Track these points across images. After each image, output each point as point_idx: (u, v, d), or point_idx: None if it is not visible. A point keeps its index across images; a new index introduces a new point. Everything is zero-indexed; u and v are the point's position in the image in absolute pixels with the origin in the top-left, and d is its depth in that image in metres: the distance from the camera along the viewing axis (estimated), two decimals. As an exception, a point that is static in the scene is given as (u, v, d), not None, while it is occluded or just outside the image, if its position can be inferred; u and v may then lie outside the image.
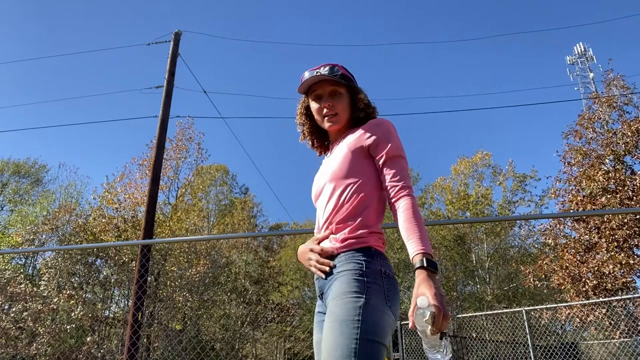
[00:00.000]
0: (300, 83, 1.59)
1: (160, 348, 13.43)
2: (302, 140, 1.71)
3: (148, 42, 10.25)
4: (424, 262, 1.21)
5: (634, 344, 8.15)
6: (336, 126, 1.55)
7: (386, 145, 1.45)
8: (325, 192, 1.49)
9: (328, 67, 1.57)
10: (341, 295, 1.25)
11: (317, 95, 1.57)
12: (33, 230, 15.27)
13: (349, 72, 1.62)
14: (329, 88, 1.55)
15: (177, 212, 16.67)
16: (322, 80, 1.54)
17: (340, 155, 1.49)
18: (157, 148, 8.44)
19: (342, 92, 1.55)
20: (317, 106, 1.57)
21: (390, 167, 1.43)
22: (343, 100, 1.55)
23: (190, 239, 3.82)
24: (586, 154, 12.17)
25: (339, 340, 1.17)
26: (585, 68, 24.78)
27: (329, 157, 1.59)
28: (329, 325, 1.22)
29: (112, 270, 14.04)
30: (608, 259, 10.30)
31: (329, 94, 1.55)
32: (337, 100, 1.54)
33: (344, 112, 1.55)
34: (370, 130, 1.49)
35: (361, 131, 1.51)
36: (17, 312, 11.51)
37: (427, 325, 1.06)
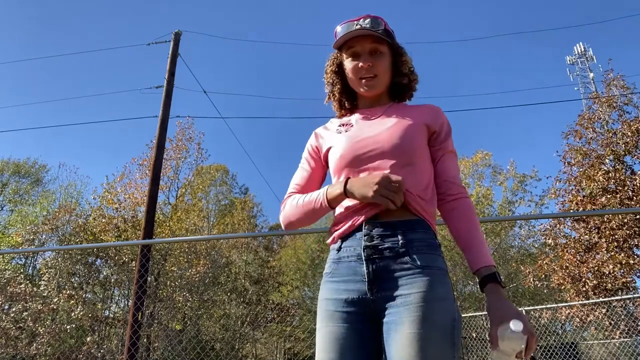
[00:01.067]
0: (334, 38, 1.36)
1: (160, 348, 13.43)
2: (328, 101, 1.48)
3: (148, 42, 10.26)
4: (498, 277, 1.10)
5: (634, 344, 8.15)
6: (375, 90, 1.34)
7: (449, 138, 1.32)
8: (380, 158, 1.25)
9: (369, 19, 1.33)
10: (437, 298, 1.08)
11: (355, 53, 1.33)
12: (33, 230, 15.27)
13: (391, 30, 1.38)
14: (369, 45, 1.32)
15: (177, 212, 16.67)
16: (363, 35, 1.31)
17: (402, 127, 1.28)
18: (157, 148, 8.44)
19: (384, 52, 1.33)
20: (353, 65, 1.33)
21: (451, 163, 1.29)
22: (385, 60, 1.33)
23: (190, 239, 3.83)
24: (586, 154, 12.17)
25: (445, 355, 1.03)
26: (585, 68, 24.80)
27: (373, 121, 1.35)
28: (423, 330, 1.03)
29: (112, 270, 14.04)
30: (608, 259, 10.30)
31: (369, 52, 1.32)
32: (378, 60, 1.32)
33: (385, 75, 1.34)
34: (438, 115, 1.33)
35: (427, 110, 1.34)
36: (17, 312, 11.51)
37: (516, 350, 0.98)
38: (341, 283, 1.19)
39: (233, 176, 26.91)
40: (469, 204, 1.24)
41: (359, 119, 1.38)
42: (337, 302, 1.18)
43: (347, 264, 1.20)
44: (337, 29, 1.36)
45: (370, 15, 1.35)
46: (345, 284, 1.18)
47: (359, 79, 1.33)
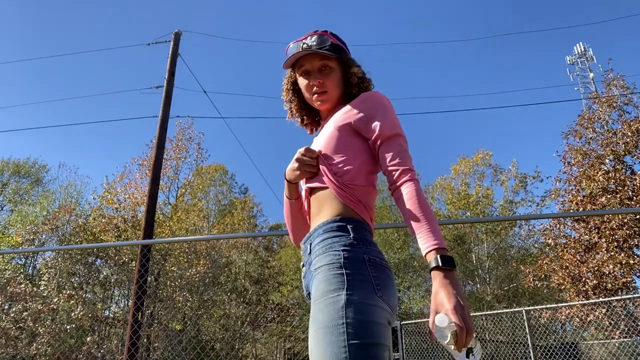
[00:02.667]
0: (285, 56, 1.41)
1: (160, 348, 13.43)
2: (289, 118, 1.53)
3: (148, 42, 10.26)
4: (439, 261, 1.03)
5: (634, 344, 8.14)
6: (327, 105, 1.39)
7: (379, 123, 1.26)
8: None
9: (316, 37, 1.37)
10: (320, 296, 1.06)
11: (305, 71, 1.39)
12: (33, 230, 15.27)
13: (341, 40, 1.43)
14: (318, 63, 1.36)
15: (177, 212, 16.68)
16: (310, 54, 1.35)
17: (326, 133, 1.33)
18: (157, 148, 8.44)
19: (333, 67, 1.37)
20: (305, 83, 1.39)
21: (388, 149, 1.24)
22: (334, 75, 1.38)
23: (190, 239, 3.83)
24: (586, 154, 12.17)
25: (327, 351, 0.98)
26: (585, 68, 24.78)
27: (317, 136, 1.44)
28: (312, 334, 1.04)
29: (112, 270, 14.04)
30: (608, 259, 10.30)
31: (318, 69, 1.37)
32: (327, 76, 1.36)
33: (335, 89, 1.38)
34: (360, 106, 1.31)
35: (349, 107, 1.33)
36: (17, 312, 11.51)
37: (450, 345, 0.95)
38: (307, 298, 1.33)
39: (232, 176, 26.92)
40: (409, 188, 1.16)
41: (321, 126, 1.48)
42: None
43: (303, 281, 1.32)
44: (288, 47, 1.42)
45: (318, 32, 1.40)
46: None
47: (311, 95, 1.39)
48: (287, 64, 1.41)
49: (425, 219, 1.10)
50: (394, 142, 1.25)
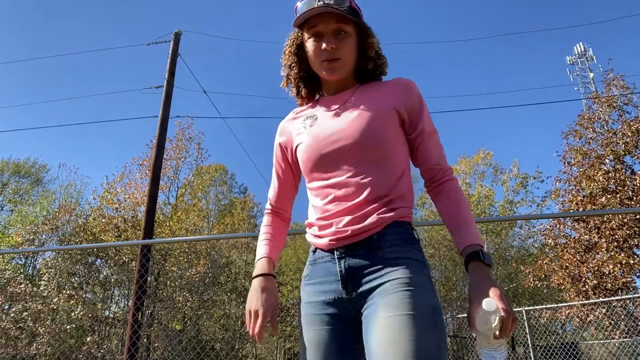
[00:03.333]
0: (295, 14, 1.25)
1: (160, 348, 13.43)
2: (284, 85, 1.35)
3: (148, 42, 10.27)
4: (481, 255, 1.04)
5: (634, 344, 8.14)
6: (338, 74, 1.22)
7: (425, 117, 1.22)
8: (347, 155, 1.17)
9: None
10: (417, 285, 1.02)
11: (317, 33, 1.21)
12: (33, 230, 15.27)
13: (358, 6, 1.26)
14: (333, 25, 1.19)
15: (177, 212, 16.68)
16: (326, 13, 1.18)
17: (375, 111, 1.18)
18: (157, 148, 8.45)
19: (350, 32, 1.21)
20: (315, 46, 1.21)
21: (431, 145, 1.21)
22: (350, 42, 1.21)
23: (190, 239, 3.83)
24: (586, 154, 12.17)
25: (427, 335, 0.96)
26: (585, 68, 24.78)
27: (338, 111, 1.24)
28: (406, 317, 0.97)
29: (112, 270, 14.05)
30: (608, 259, 10.30)
31: (333, 32, 1.19)
32: (342, 42, 1.20)
33: (349, 58, 1.22)
34: (408, 93, 1.22)
35: (396, 89, 1.23)
36: (17, 312, 11.51)
37: (493, 331, 0.92)
38: (317, 285, 1.16)
39: (232, 176, 26.92)
40: (453, 185, 1.19)
41: (323, 111, 1.27)
42: (316, 304, 1.15)
43: (322, 265, 1.17)
44: (298, 4, 1.23)
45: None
46: (321, 286, 1.16)
47: (321, 62, 1.21)
48: (297, 22, 1.23)
49: (468, 217, 1.14)
50: (436, 139, 1.24)
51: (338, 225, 1.14)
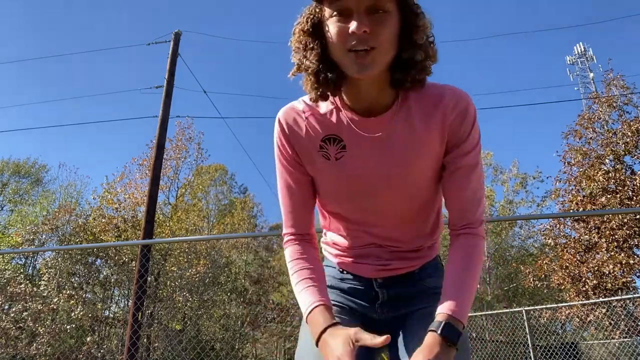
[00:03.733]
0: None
1: (160, 348, 13.43)
2: (293, 75, 0.97)
3: (148, 42, 10.27)
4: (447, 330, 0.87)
5: (634, 344, 8.14)
6: (369, 72, 0.87)
7: (472, 148, 0.98)
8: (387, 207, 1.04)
9: None
10: None
11: (343, 9, 0.86)
12: (33, 230, 15.28)
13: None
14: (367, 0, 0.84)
15: (177, 212, 16.69)
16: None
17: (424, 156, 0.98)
18: (157, 148, 8.45)
19: (390, 10, 0.86)
20: (340, 28, 0.86)
21: (470, 185, 0.99)
22: (390, 24, 0.86)
23: (190, 239, 3.83)
24: (586, 154, 12.17)
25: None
26: (585, 68, 24.76)
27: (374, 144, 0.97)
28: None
29: (112, 270, 14.05)
30: (608, 259, 10.30)
31: (367, 10, 0.85)
32: (380, 24, 0.85)
33: (389, 47, 0.88)
34: (463, 121, 0.96)
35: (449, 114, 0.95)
36: (17, 312, 11.51)
37: None
38: (343, 294, 1.15)
39: (232, 176, 26.93)
40: (471, 242, 1.00)
41: (353, 138, 0.98)
42: (339, 309, 1.12)
43: (351, 285, 1.14)
44: None
45: None
46: (346, 296, 1.14)
47: (347, 51, 0.86)
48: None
49: (470, 287, 0.96)
50: (478, 176, 1.01)
51: (379, 262, 1.11)
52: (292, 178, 1.06)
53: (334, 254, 1.18)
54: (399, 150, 0.97)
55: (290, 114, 1.03)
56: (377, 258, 1.11)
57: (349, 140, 0.99)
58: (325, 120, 1.01)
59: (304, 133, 1.02)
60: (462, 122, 0.96)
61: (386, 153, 0.98)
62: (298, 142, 1.03)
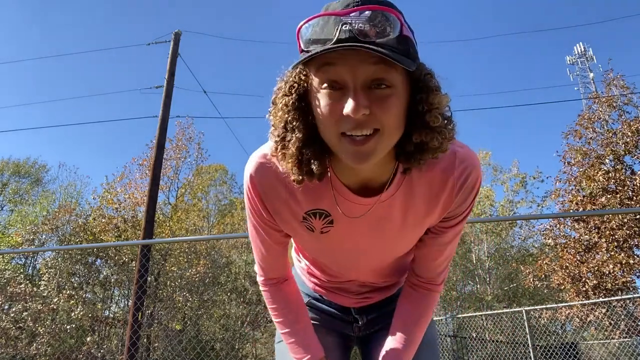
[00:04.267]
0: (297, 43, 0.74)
1: (160, 348, 13.43)
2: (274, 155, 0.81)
3: (148, 42, 10.27)
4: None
5: (634, 344, 8.14)
6: (368, 162, 0.72)
7: (465, 217, 0.92)
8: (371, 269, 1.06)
9: (369, 13, 0.67)
10: None
11: (336, 82, 0.69)
12: (33, 230, 15.27)
13: (411, 28, 0.74)
14: (369, 68, 0.68)
15: (177, 212, 16.68)
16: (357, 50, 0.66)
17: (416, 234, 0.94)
18: (157, 148, 8.45)
19: (396, 84, 0.70)
20: (330, 104, 0.70)
21: (448, 248, 0.97)
22: (395, 102, 0.70)
23: (190, 239, 3.84)
24: (586, 153, 12.17)
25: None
26: (585, 68, 24.74)
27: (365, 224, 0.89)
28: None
29: (112, 270, 14.04)
30: (608, 259, 10.30)
31: (366, 84, 0.69)
32: (383, 102, 0.69)
33: (394, 131, 0.73)
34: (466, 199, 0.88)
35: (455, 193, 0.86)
36: (17, 312, 11.51)
37: None
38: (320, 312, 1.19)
39: (232, 176, 26.92)
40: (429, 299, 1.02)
41: (341, 213, 0.86)
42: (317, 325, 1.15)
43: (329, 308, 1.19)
44: (302, 25, 0.72)
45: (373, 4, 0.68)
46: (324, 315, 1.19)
47: (340, 135, 0.71)
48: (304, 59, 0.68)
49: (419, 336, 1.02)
50: (455, 243, 0.98)
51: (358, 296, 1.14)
52: (266, 233, 0.95)
53: (309, 279, 1.20)
54: (392, 229, 0.90)
55: (265, 174, 0.85)
56: (355, 294, 1.13)
57: (338, 218, 0.87)
58: (310, 191, 0.84)
59: (284, 202, 0.87)
60: (466, 198, 0.87)
61: (377, 233, 0.91)
62: (275, 209, 0.88)
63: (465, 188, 0.85)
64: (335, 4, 0.70)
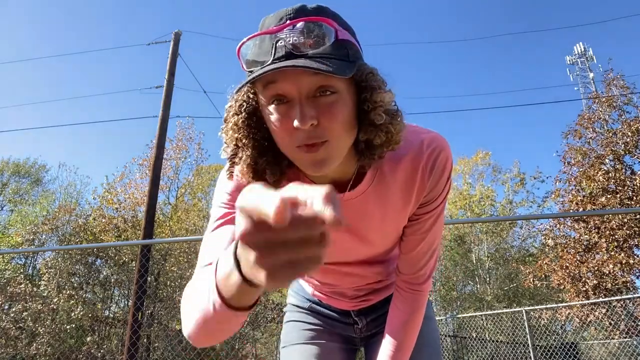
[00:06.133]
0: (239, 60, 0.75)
1: (160, 348, 13.43)
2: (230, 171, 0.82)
3: (148, 42, 10.27)
4: None
5: (634, 344, 8.15)
6: (327, 168, 0.73)
7: (442, 200, 0.91)
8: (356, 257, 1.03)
9: (302, 25, 0.68)
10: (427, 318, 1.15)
11: (281, 96, 0.70)
12: (33, 230, 15.27)
13: (347, 26, 0.75)
14: (310, 79, 0.68)
15: (177, 212, 16.68)
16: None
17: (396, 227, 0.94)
18: (157, 148, 8.45)
19: (340, 88, 0.70)
20: (280, 120, 0.71)
21: (425, 237, 0.94)
22: (341, 107, 0.71)
23: (190, 239, 3.84)
24: (586, 153, 12.17)
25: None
26: (585, 68, 24.74)
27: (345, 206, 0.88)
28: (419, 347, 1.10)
29: (112, 270, 14.04)
30: (608, 259, 10.30)
31: (310, 93, 0.69)
32: (329, 110, 0.69)
33: (345, 134, 0.73)
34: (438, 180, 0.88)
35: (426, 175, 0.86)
36: (17, 312, 11.51)
37: None
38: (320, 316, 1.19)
39: (233, 176, 26.95)
40: (422, 300, 1.01)
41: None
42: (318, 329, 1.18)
43: (329, 311, 1.20)
44: (241, 46, 0.73)
45: (306, 10, 0.70)
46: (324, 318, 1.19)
47: (295, 148, 0.72)
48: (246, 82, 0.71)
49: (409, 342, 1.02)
50: (437, 232, 0.96)
51: (356, 299, 1.14)
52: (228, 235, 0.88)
53: (308, 284, 1.21)
54: (373, 225, 0.90)
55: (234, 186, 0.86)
56: (351, 297, 1.14)
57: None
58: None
59: None
60: (439, 180, 0.87)
61: (360, 228, 0.91)
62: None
63: (435, 170, 0.86)
64: (271, 19, 0.71)
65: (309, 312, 1.20)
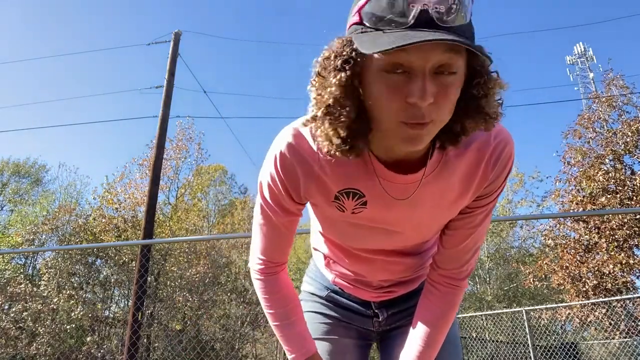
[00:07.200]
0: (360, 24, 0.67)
1: (160, 348, 13.43)
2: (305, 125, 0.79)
3: (148, 42, 10.27)
4: None
5: (634, 344, 8.15)
6: (420, 146, 0.70)
7: (493, 199, 0.90)
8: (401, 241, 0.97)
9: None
10: None
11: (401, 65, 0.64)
12: (33, 230, 15.27)
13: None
14: (441, 56, 0.64)
15: (177, 212, 16.68)
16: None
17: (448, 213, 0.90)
18: (157, 148, 8.46)
19: (460, 70, 0.67)
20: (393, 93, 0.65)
21: (474, 232, 0.92)
22: (454, 90, 0.67)
23: (190, 239, 3.83)
24: (586, 153, 12.16)
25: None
26: (585, 68, 24.74)
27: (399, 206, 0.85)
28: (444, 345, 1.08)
29: (112, 270, 14.05)
30: (608, 259, 10.30)
31: (435, 70, 0.65)
32: (444, 90, 0.66)
33: (446, 119, 0.70)
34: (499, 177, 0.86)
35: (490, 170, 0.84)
36: (17, 312, 11.51)
37: None
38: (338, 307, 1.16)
39: (232, 176, 26.94)
40: (458, 295, 0.99)
41: (377, 194, 0.83)
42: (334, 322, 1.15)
43: (348, 301, 1.16)
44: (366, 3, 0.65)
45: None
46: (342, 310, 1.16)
47: (400, 122, 0.67)
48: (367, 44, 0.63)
49: (440, 339, 0.99)
50: (484, 229, 0.93)
51: (380, 290, 1.10)
52: (280, 221, 0.92)
53: (331, 271, 1.15)
54: (427, 209, 0.87)
55: (298, 151, 0.81)
56: (376, 287, 1.10)
57: (372, 199, 0.84)
58: (345, 168, 0.81)
59: (315, 181, 0.83)
60: (500, 173, 0.85)
61: (412, 212, 0.87)
62: (305, 189, 0.84)
63: (500, 163, 0.83)
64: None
65: (327, 301, 1.15)
